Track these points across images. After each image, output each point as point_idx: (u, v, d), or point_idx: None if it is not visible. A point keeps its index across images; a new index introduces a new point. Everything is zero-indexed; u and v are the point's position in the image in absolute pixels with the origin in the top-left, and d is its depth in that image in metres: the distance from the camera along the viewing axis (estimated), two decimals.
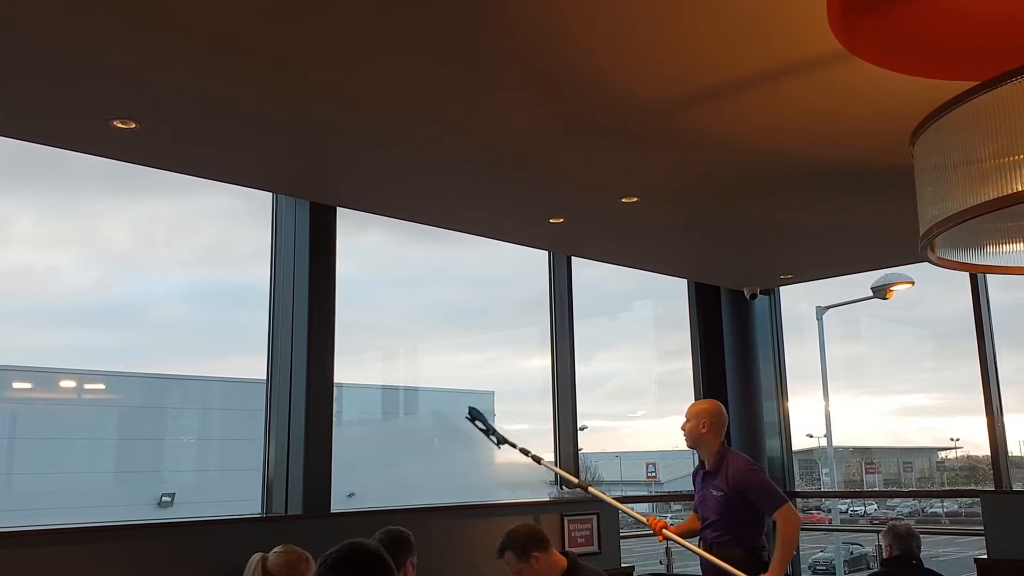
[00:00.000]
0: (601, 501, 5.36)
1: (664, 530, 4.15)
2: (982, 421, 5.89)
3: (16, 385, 5.55)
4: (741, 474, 3.90)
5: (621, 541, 5.59)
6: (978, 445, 6.39)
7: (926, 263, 2.57)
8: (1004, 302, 6.15)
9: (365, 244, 5.86)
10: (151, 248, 5.77)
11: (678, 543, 4.23)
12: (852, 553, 11.77)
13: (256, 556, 3.03)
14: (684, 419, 4.13)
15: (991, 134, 2.06)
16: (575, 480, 4.41)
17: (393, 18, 2.72)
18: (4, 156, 4.23)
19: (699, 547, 4.13)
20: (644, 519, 4.23)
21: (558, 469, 4.56)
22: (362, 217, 4.82)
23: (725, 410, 4.16)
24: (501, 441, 4.55)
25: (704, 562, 4.04)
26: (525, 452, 4.59)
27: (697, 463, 4.25)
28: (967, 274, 5.86)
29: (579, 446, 5.92)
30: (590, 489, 4.38)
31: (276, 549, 3.05)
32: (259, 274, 4.70)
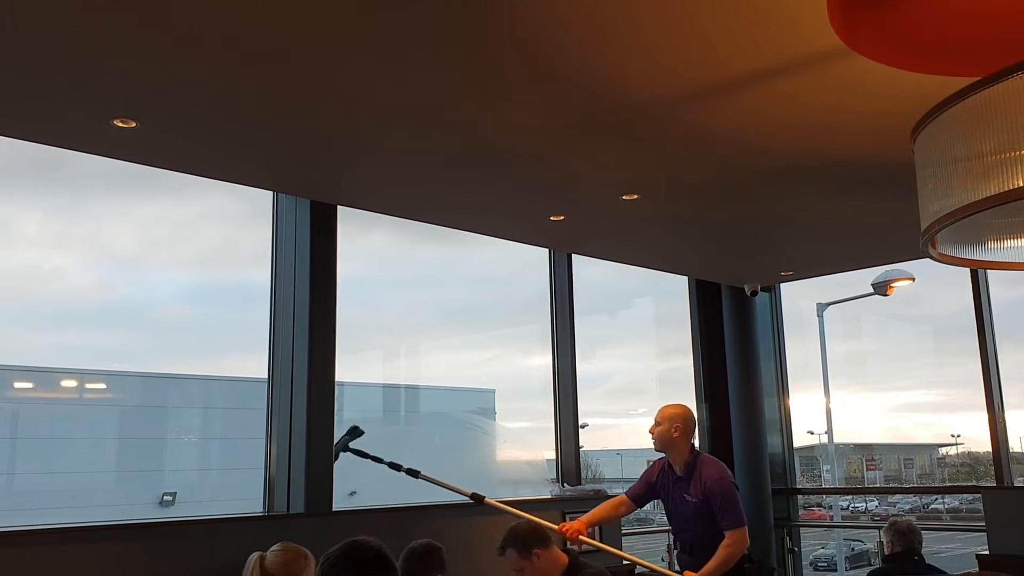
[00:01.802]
0: (598, 499, 5.35)
1: (579, 536, 3.99)
2: (983, 417, 5.89)
3: (18, 385, 5.55)
4: (714, 482, 3.88)
5: (623, 538, 5.59)
6: (979, 441, 6.39)
7: (927, 259, 2.57)
8: (1005, 298, 6.16)
9: (367, 244, 5.87)
10: (154, 249, 5.78)
11: (594, 546, 4.11)
12: (853, 549, 11.77)
13: (254, 555, 3.02)
14: (653, 422, 4.07)
15: (992, 129, 2.06)
16: (467, 492, 4.18)
17: (394, 19, 2.71)
18: (10, 159, 4.25)
19: (675, 546, 4.11)
20: (555, 526, 4.07)
21: (441, 481, 4.18)
22: (365, 217, 4.83)
23: (695, 414, 4.14)
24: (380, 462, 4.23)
25: (682, 563, 4.03)
26: (395, 466, 4.22)
27: (664, 464, 4.18)
28: (968, 270, 5.86)
29: (580, 444, 5.93)
30: (487, 501, 4.12)
31: (274, 547, 3.04)
32: (261, 274, 4.71)
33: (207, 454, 6.38)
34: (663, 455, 4.13)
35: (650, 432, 4.08)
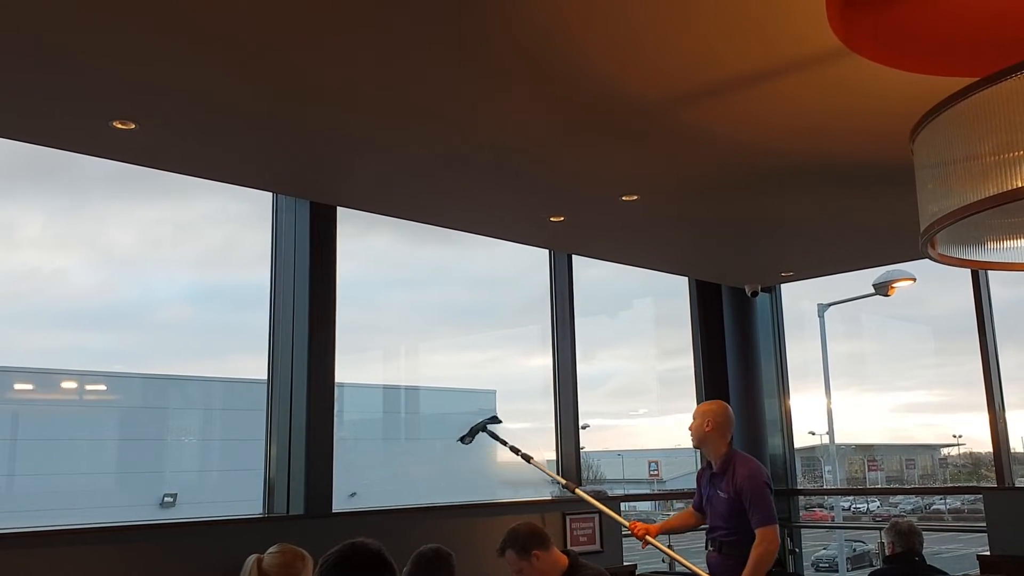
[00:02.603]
0: (597, 500, 5.35)
1: (647, 536, 4.06)
2: (984, 417, 5.88)
3: (18, 386, 5.56)
4: (745, 479, 3.91)
5: (623, 539, 5.59)
6: (980, 441, 6.38)
7: (927, 260, 2.57)
8: (1005, 298, 6.16)
9: (367, 244, 5.88)
10: (156, 251, 5.79)
11: (662, 551, 4.18)
12: (855, 550, 11.76)
13: (252, 557, 3.02)
14: (691, 419, 4.16)
15: (991, 130, 2.06)
16: (563, 480, 4.34)
17: (393, 19, 2.71)
18: (14, 162, 4.26)
19: (707, 546, 4.13)
20: (626, 523, 4.14)
21: (544, 467, 4.39)
22: (365, 218, 4.83)
23: (731, 411, 4.17)
24: (514, 450, 4.45)
25: (710, 561, 4.05)
26: (515, 450, 4.46)
27: (704, 463, 4.25)
28: (968, 270, 5.86)
29: (581, 444, 5.93)
30: (577, 491, 4.30)
31: (271, 549, 3.03)
32: (261, 276, 4.72)
33: (207, 455, 6.39)
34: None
35: (688, 429, 4.16)
